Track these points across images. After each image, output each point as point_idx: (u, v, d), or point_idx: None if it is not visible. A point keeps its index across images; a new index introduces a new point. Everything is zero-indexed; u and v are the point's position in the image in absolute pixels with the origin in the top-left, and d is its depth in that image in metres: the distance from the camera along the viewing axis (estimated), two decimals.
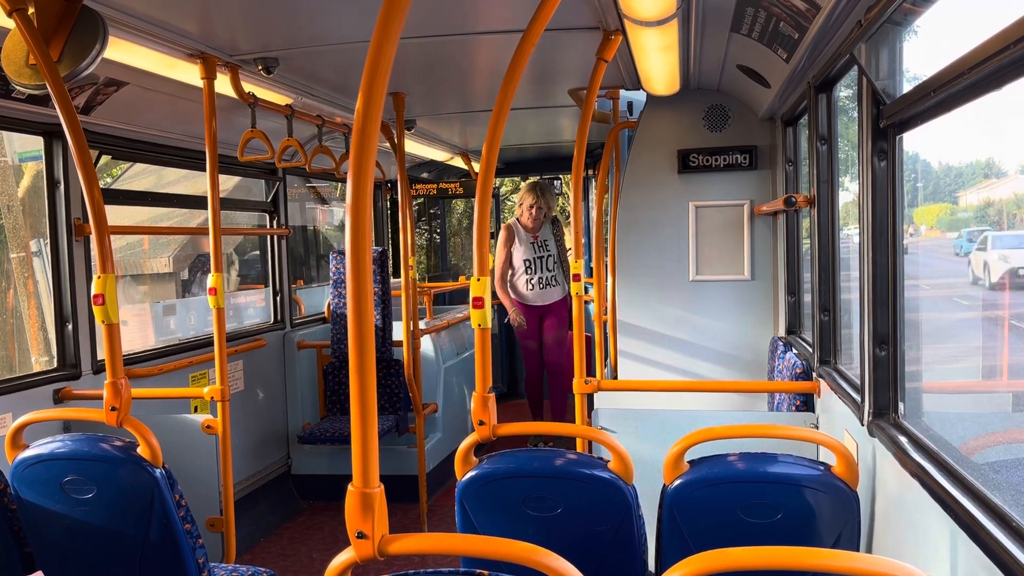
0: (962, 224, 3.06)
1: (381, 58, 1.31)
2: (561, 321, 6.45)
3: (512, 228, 6.44)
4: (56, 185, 3.72)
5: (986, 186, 3.07)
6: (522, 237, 6.42)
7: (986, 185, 3.06)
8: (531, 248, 6.40)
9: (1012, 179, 2.84)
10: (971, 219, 3.30)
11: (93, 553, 2.50)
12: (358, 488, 1.37)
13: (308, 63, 3.78)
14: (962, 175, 3.08)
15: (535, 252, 6.40)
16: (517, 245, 6.42)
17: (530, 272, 6.39)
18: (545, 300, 6.44)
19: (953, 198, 3.27)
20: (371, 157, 1.36)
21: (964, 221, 3.23)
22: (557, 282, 6.44)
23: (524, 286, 6.41)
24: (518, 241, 6.42)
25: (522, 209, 6.35)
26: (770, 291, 4.61)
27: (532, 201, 6.29)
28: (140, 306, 9.18)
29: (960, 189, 3.14)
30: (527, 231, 6.38)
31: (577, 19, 3.03)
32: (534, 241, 6.40)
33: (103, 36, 2.61)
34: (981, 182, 3.07)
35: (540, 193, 6.35)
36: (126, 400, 2.58)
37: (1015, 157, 2.74)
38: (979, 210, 3.25)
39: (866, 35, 2.21)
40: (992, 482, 1.67)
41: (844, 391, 2.76)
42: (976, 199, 3.21)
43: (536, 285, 6.39)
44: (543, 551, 1.39)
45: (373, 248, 5.59)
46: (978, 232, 3.23)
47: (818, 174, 3.25)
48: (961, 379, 2.99)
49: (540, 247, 6.41)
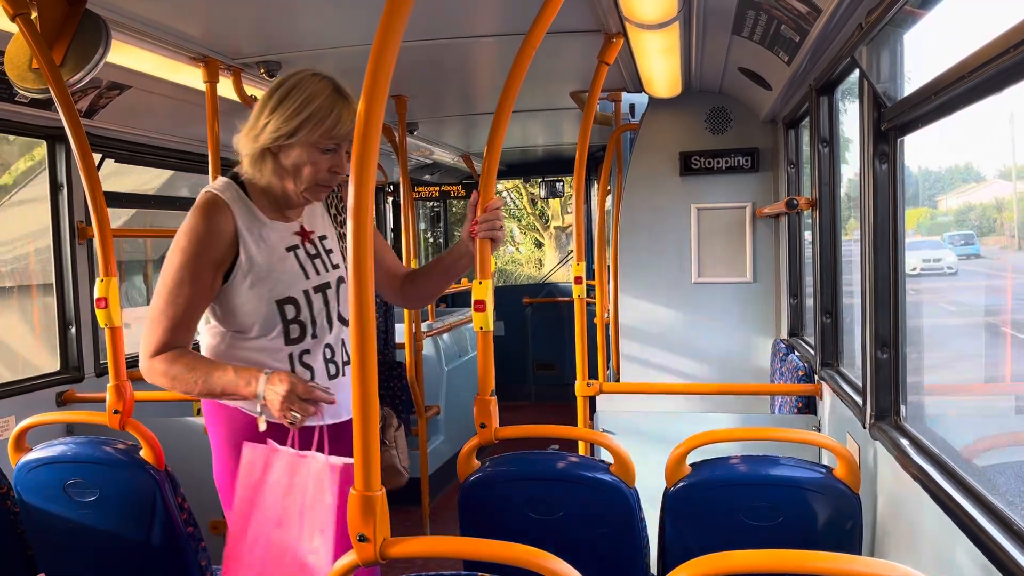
0: (943, 228, 3.06)
1: (383, 61, 1.31)
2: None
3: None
4: (59, 188, 3.73)
5: (965, 191, 3.07)
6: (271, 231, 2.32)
7: (965, 190, 3.07)
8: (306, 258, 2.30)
9: (990, 183, 2.85)
10: (951, 223, 3.30)
11: (96, 556, 2.50)
12: (359, 491, 1.38)
13: (310, 66, 3.77)
14: (941, 179, 3.09)
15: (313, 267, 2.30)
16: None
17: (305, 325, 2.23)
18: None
19: (933, 202, 3.27)
20: (373, 160, 1.36)
21: (945, 225, 3.23)
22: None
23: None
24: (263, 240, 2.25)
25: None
26: (772, 293, 4.61)
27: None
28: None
29: (939, 194, 3.14)
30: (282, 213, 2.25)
31: (578, 22, 3.04)
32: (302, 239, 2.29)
33: (106, 40, 2.62)
34: (960, 187, 3.08)
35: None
36: (129, 403, 2.59)
37: (992, 162, 2.74)
38: (959, 214, 3.25)
39: (867, 38, 2.21)
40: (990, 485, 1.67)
41: (846, 394, 2.76)
42: (956, 203, 3.21)
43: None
44: (545, 554, 1.39)
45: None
46: (960, 236, 3.23)
47: (819, 176, 3.25)
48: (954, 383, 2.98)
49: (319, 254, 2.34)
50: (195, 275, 2.03)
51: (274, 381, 1.97)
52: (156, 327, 2.06)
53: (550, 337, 8.40)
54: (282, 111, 2.00)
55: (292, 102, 2.00)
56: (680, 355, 4.70)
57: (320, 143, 2.03)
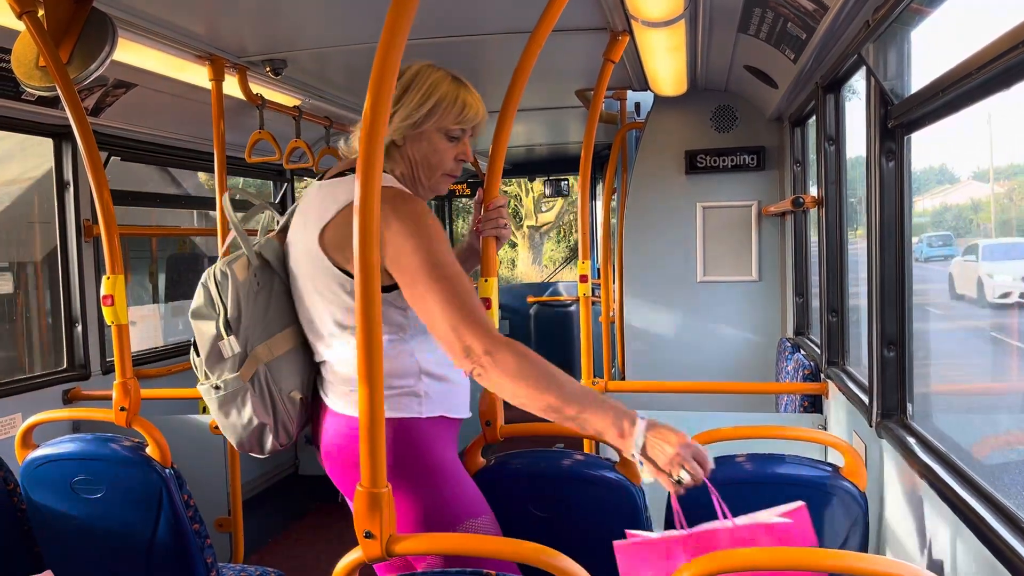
0: (919, 229, 3.06)
1: (389, 60, 1.31)
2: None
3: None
4: (65, 187, 3.74)
5: (940, 192, 3.07)
6: None
7: (940, 191, 3.06)
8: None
9: (965, 185, 2.84)
10: (928, 224, 3.29)
11: (102, 553, 2.51)
12: (366, 488, 1.38)
13: (316, 65, 3.79)
14: (916, 180, 3.09)
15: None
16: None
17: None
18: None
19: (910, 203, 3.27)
20: (379, 158, 1.36)
21: (921, 226, 3.22)
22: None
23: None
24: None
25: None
26: (778, 292, 4.60)
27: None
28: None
29: (915, 195, 3.14)
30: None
31: (584, 20, 3.03)
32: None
33: (112, 38, 2.62)
34: (935, 188, 3.08)
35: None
36: (135, 401, 2.59)
37: (967, 163, 2.74)
38: (935, 215, 3.24)
39: (874, 35, 2.21)
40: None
41: (852, 392, 2.75)
42: (932, 204, 3.21)
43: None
44: (551, 551, 1.39)
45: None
46: (938, 238, 3.22)
47: (826, 175, 3.24)
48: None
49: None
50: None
51: (662, 433, 1.67)
52: (476, 308, 1.69)
53: (555, 336, 8.39)
54: (408, 101, 1.93)
55: (416, 91, 1.94)
56: (685, 354, 4.69)
57: (449, 130, 1.99)
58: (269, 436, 1.98)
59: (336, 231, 1.84)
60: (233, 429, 2.00)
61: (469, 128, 2.04)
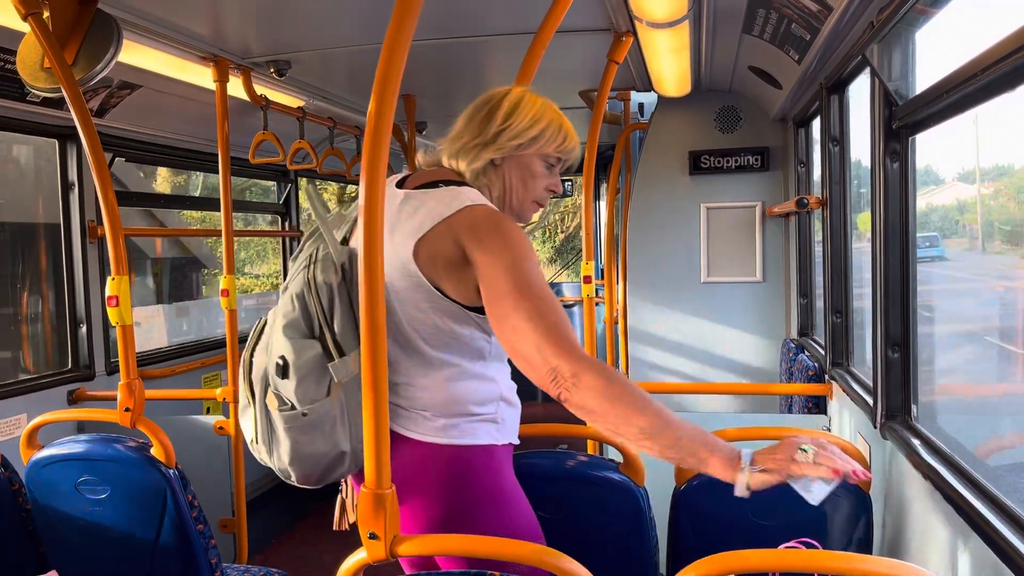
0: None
1: (393, 61, 1.31)
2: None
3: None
4: (70, 188, 3.75)
5: (926, 192, 3.06)
6: None
7: (925, 192, 3.06)
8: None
9: (950, 185, 2.84)
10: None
11: (106, 553, 2.51)
12: (371, 489, 1.38)
13: (320, 65, 3.79)
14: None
15: None
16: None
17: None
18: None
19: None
20: (383, 159, 1.36)
21: None
22: None
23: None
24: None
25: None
26: (782, 293, 4.60)
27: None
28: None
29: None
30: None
31: (588, 21, 3.03)
32: None
33: (117, 39, 2.63)
34: (921, 189, 3.07)
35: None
36: (140, 401, 2.60)
37: (951, 164, 2.74)
38: (921, 216, 3.24)
39: (878, 36, 2.20)
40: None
41: (856, 393, 2.75)
42: (918, 205, 3.22)
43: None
44: (554, 552, 1.39)
45: None
46: (924, 239, 3.20)
47: (830, 175, 3.24)
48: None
49: None
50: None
51: (763, 449, 1.57)
52: (563, 328, 1.60)
53: None
54: (515, 123, 1.88)
55: (526, 112, 1.91)
56: (689, 355, 4.69)
57: (548, 156, 1.97)
58: (343, 465, 1.79)
59: (431, 246, 1.72)
60: (309, 460, 1.78)
61: (565, 159, 2.03)
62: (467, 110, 1.94)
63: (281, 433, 1.77)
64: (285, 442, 1.77)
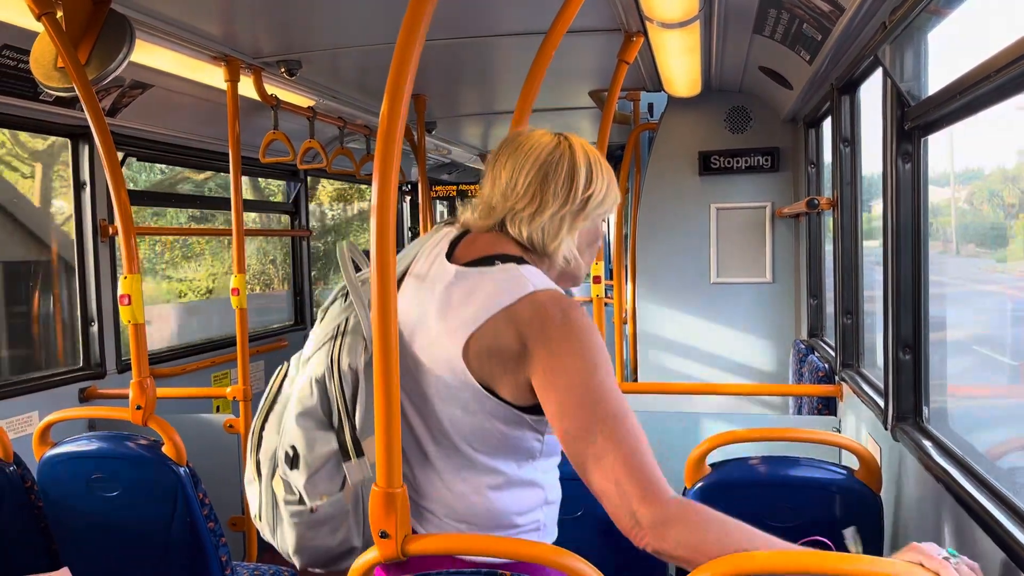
0: (879, 232, 3.05)
1: (406, 60, 1.32)
2: None
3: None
4: (82, 187, 3.77)
5: None
6: None
7: None
8: None
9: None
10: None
11: (118, 550, 2.52)
12: (382, 488, 1.38)
13: (330, 65, 3.80)
14: (874, 184, 3.06)
15: None
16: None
17: None
18: None
19: (868, 207, 3.24)
20: (395, 159, 1.36)
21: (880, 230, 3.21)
22: None
23: None
24: None
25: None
26: (792, 294, 4.58)
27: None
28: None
29: (875, 199, 3.10)
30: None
31: (598, 21, 3.03)
32: None
33: (130, 39, 2.65)
34: None
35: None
36: (151, 399, 2.61)
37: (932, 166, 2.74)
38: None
39: (891, 36, 2.20)
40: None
41: (867, 395, 2.74)
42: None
43: None
44: (565, 552, 1.39)
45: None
46: None
47: (841, 176, 3.23)
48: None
49: None
50: None
51: None
52: (647, 461, 1.41)
53: None
54: (599, 182, 1.64)
55: (597, 170, 1.65)
56: (699, 355, 4.68)
57: (603, 216, 1.73)
58: (351, 558, 1.57)
59: (485, 338, 1.46)
60: (315, 552, 1.62)
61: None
62: (528, 167, 1.66)
63: (286, 523, 1.62)
64: (290, 533, 1.62)
